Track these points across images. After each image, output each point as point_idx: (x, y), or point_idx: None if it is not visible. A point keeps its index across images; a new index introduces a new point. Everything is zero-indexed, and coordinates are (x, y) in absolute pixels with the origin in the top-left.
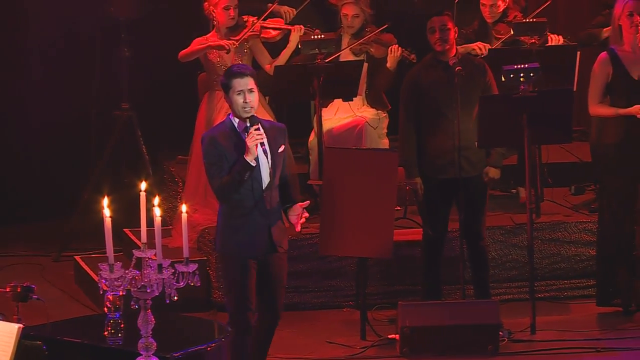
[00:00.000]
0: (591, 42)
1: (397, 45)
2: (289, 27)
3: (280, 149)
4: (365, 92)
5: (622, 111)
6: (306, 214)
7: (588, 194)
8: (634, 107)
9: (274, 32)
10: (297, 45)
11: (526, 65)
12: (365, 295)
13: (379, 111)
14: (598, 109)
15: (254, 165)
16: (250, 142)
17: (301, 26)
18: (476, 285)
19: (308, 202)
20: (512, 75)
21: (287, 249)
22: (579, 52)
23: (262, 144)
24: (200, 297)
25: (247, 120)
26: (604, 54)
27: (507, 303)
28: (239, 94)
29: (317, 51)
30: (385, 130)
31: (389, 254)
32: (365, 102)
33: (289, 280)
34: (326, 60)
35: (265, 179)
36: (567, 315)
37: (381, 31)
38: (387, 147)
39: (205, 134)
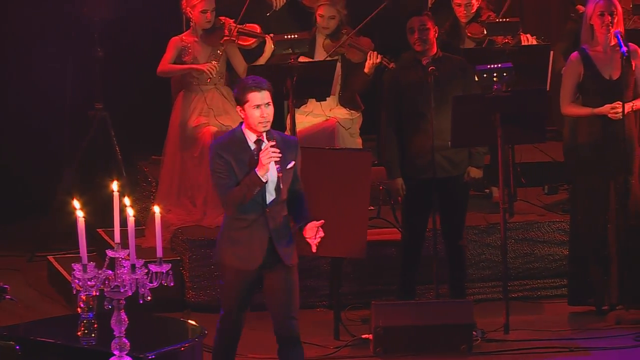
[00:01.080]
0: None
1: (376, 52)
2: (264, 35)
3: (290, 165)
4: (339, 93)
5: (597, 110)
6: (322, 233)
7: (561, 194)
8: (604, 106)
9: (250, 40)
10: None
11: (499, 65)
12: (338, 295)
13: (352, 111)
14: (571, 108)
15: (265, 181)
16: (265, 159)
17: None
18: (452, 285)
19: (323, 221)
20: (485, 75)
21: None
22: (552, 52)
23: (276, 162)
24: (173, 297)
25: (263, 134)
26: (575, 54)
27: (481, 303)
28: (257, 108)
29: (291, 51)
30: (358, 130)
31: (363, 254)
32: (338, 103)
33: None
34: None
35: (271, 193)
36: (540, 315)
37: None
38: (360, 146)
39: (214, 142)
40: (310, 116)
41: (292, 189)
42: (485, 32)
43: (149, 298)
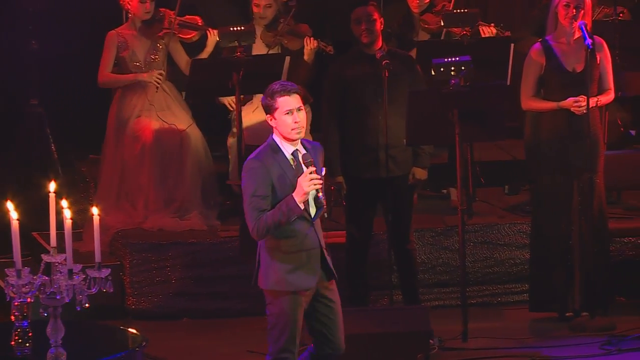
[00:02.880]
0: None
1: (312, 37)
2: (206, 27)
3: (322, 172)
4: None
5: (562, 104)
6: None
7: (523, 194)
8: (567, 100)
9: (191, 33)
10: (217, 38)
11: (457, 59)
12: None
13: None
14: (532, 103)
15: (302, 209)
16: (307, 186)
17: (216, 30)
18: (404, 291)
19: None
20: (442, 69)
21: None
22: (512, 45)
23: (318, 190)
24: (113, 304)
25: (299, 144)
26: (537, 45)
27: (438, 309)
28: (288, 113)
29: (237, 44)
30: (308, 127)
31: None
32: None
33: (208, 286)
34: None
35: (313, 206)
36: (500, 322)
37: (294, 17)
38: None
39: (250, 159)
40: (257, 112)
41: None
42: (441, 23)
43: (87, 305)
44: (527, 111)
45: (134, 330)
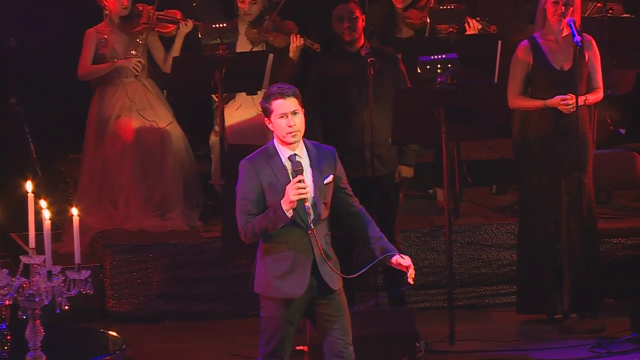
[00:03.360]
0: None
1: (299, 35)
2: (184, 20)
3: (328, 180)
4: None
5: (547, 102)
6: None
7: (511, 194)
8: (555, 98)
9: (170, 27)
10: (199, 36)
11: (443, 56)
12: None
13: None
14: (519, 101)
15: (290, 216)
16: (292, 195)
17: (190, 21)
18: (390, 293)
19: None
20: (428, 67)
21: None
22: (500, 42)
23: (305, 200)
24: (93, 306)
25: (302, 146)
26: (524, 43)
27: (424, 311)
28: (282, 117)
29: (219, 41)
30: None
31: None
32: None
33: (190, 288)
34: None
35: (312, 213)
36: (488, 324)
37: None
38: None
39: (243, 160)
40: (240, 110)
41: (345, 205)
42: (426, 19)
43: (66, 307)
44: (515, 110)
45: (114, 333)
